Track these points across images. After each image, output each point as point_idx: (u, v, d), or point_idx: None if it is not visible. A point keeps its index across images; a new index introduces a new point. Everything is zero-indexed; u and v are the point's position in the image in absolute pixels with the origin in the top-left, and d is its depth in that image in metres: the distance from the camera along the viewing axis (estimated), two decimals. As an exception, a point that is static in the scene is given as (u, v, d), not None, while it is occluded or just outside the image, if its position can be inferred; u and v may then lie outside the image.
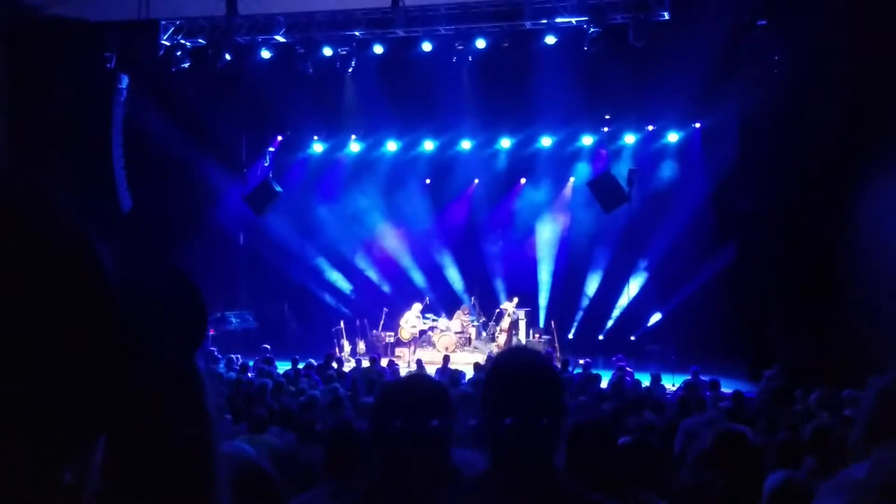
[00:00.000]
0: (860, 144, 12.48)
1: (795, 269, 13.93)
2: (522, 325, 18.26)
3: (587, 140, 19.52)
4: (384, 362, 14.49)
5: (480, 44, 15.98)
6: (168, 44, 16.52)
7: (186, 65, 16.49)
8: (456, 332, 18.20)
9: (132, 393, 0.68)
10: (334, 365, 13.59)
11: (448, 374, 11.82)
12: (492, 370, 2.11)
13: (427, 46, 16.34)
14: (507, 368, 2.06)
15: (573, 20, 15.15)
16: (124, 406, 0.66)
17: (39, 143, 15.06)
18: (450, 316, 18.79)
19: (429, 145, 20.35)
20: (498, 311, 18.50)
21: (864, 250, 12.35)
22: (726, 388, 11.06)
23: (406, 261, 20.79)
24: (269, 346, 15.47)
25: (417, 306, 18.59)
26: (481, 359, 14.58)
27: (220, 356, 14.12)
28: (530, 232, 20.25)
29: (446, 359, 14.81)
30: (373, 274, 21.02)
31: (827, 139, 13.00)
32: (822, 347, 12.24)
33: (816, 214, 13.32)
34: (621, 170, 17.52)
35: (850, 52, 12.40)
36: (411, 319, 18.34)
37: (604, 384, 11.56)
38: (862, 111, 12.56)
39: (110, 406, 0.64)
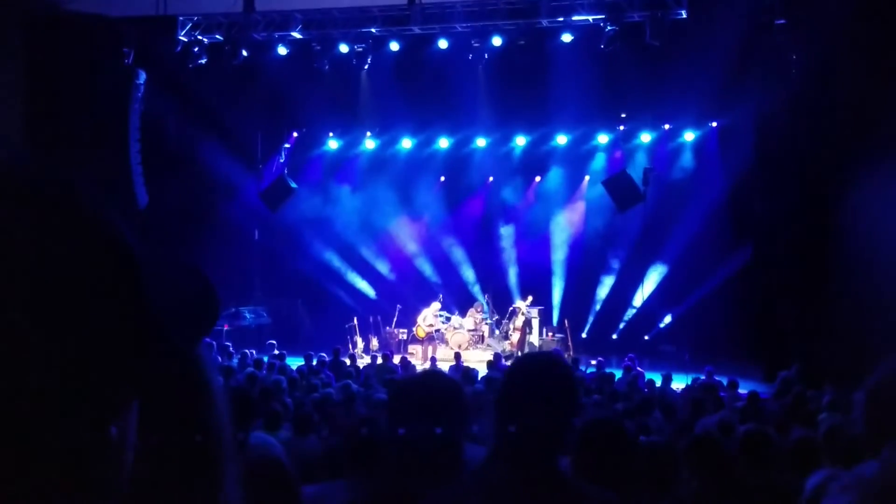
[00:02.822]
0: (878, 144, 12.39)
1: (811, 269, 13.85)
2: (536, 323, 18.25)
3: (603, 138, 19.47)
4: (397, 359, 14.52)
5: (496, 41, 15.98)
6: (185, 40, 16.61)
7: (203, 61, 16.58)
8: (469, 330, 18.21)
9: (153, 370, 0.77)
10: (347, 361, 13.65)
11: (461, 371, 11.84)
12: (511, 372, 2.12)
13: (443, 44, 16.35)
14: (526, 372, 2.07)
15: (590, 18, 15.12)
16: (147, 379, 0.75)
17: (57, 138, 15.18)
18: (463, 313, 18.80)
19: (444, 143, 20.35)
20: (511, 309, 18.50)
21: (881, 251, 12.27)
22: (741, 389, 11.03)
23: (420, 258, 20.82)
24: (275, 342, 15.57)
25: (436, 305, 18.60)
26: (492, 356, 14.58)
27: (234, 352, 14.20)
28: (545, 230, 20.22)
29: (458, 356, 14.83)
30: (386, 271, 21.06)
31: (844, 139, 12.92)
32: (837, 349, 12.17)
33: (833, 215, 13.24)
34: (637, 169, 17.47)
35: (867, 52, 12.31)
36: (429, 317, 18.35)
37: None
38: (880, 111, 12.47)
39: (142, 372, 0.73)
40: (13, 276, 0.65)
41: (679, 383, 12.77)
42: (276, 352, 14.27)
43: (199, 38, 16.63)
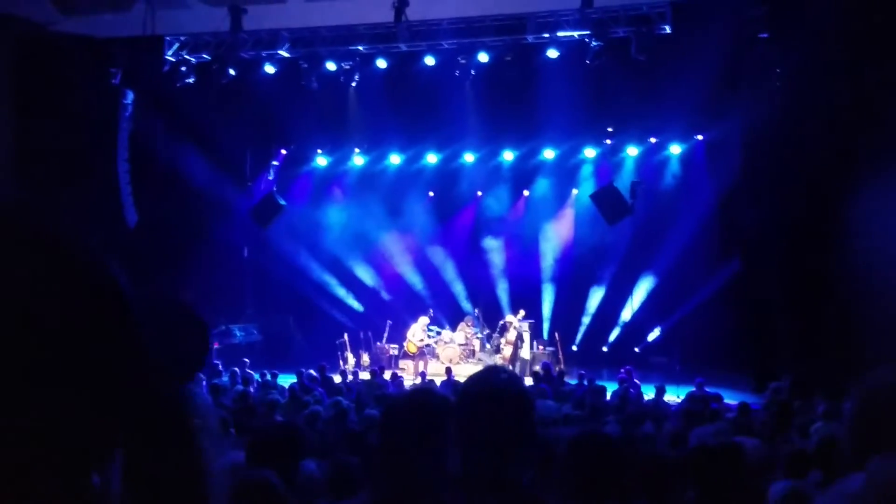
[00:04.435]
0: (863, 156, 12.51)
1: (799, 280, 13.93)
2: (527, 337, 18.26)
3: (590, 152, 19.57)
4: (387, 375, 14.48)
5: (483, 58, 16.05)
6: (173, 59, 16.60)
7: (191, 80, 16.57)
8: (460, 345, 18.19)
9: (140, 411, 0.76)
10: (338, 377, 13.62)
11: (452, 386, 11.83)
12: (462, 395, 2.10)
13: (430, 60, 16.40)
14: (477, 394, 2.06)
15: (575, 34, 15.20)
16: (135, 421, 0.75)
17: (46, 159, 15.15)
18: (453, 328, 18.79)
19: (432, 158, 20.41)
20: (502, 323, 18.51)
21: (868, 261, 12.35)
22: (732, 400, 11.07)
23: (410, 273, 20.83)
24: (247, 360, 15.49)
25: (424, 319, 18.58)
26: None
27: (223, 370, 14.15)
28: (534, 244, 20.27)
29: (449, 371, 14.80)
30: (377, 286, 21.05)
31: (830, 151, 13.03)
32: (826, 359, 12.23)
33: (820, 226, 13.33)
34: (624, 182, 17.56)
35: (851, 64, 12.44)
36: (418, 333, 18.33)
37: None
38: (864, 123, 12.59)
39: (127, 418, 0.73)
40: (2, 321, 0.64)
41: (671, 395, 12.81)
42: (249, 370, 14.30)
43: (187, 57, 16.64)
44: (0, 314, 0.64)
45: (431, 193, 20.83)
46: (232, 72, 16.31)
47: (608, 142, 19.02)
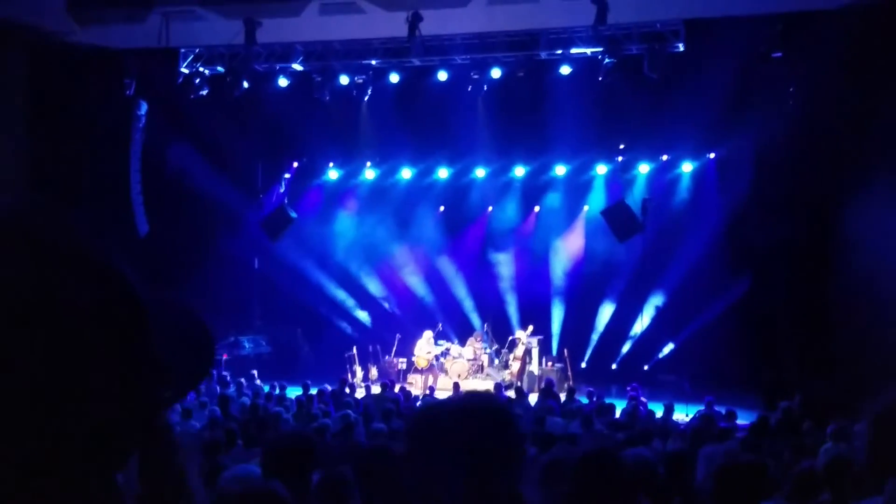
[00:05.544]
0: (875, 176, 12.47)
1: (809, 299, 13.87)
2: (535, 353, 18.20)
3: (601, 169, 19.56)
4: (396, 389, 14.46)
5: (496, 73, 16.10)
6: (187, 71, 16.72)
7: (205, 92, 16.67)
8: (468, 360, 18.14)
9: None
10: (347, 391, 13.62)
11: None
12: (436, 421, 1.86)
13: (443, 75, 16.48)
14: (454, 422, 1.81)
15: (588, 51, 15.23)
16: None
17: (59, 169, 15.25)
18: (462, 343, 18.75)
19: (443, 173, 20.44)
20: (511, 339, 18.47)
21: (878, 281, 12.29)
22: (742, 420, 11.00)
23: (419, 287, 20.82)
24: (255, 372, 15.52)
25: (428, 333, 18.54)
26: (492, 386, 14.54)
27: (231, 381, 14.16)
28: (544, 260, 20.23)
29: (457, 386, 14.78)
30: (386, 300, 21.04)
31: (841, 170, 13.01)
32: (836, 378, 12.16)
33: (830, 245, 13.29)
34: (636, 199, 17.54)
35: (863, 83, 12.43)
36: (425, 346, 18.31)
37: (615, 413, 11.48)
38: (876, 141, 12.56)
39: (146, 422, 0.74)
40: (29, 331, 0.65)
41: (680, 413, 12.74)
42: (256, 381, 14.34)
43: (201, 69, 16.73)
44: (15, 319, 0.65)
45: (442, 208, 20.85)
46: (245, 84, 16.40)
47: (620, 158, 19.02)
